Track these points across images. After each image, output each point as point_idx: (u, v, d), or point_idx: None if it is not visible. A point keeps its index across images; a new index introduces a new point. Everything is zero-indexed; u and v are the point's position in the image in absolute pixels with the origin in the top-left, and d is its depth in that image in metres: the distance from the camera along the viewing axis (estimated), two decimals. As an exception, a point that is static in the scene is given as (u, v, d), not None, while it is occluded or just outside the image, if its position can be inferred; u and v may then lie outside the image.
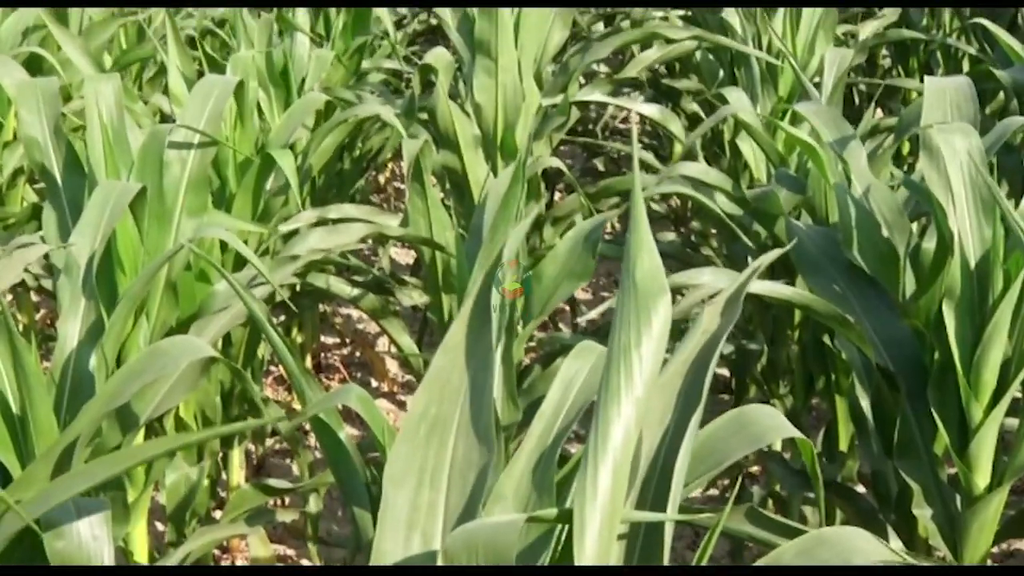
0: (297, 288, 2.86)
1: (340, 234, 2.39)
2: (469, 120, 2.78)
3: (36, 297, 3.28)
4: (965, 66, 3.75)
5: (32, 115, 2.11)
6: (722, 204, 2.47)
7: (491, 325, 1.08)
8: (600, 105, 4.05)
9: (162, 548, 2.36)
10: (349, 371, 3.70)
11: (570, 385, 1.29)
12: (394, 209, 4.47)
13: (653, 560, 1.03)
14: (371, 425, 1.64)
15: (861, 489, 2.31)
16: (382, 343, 3.78)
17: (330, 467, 1.67)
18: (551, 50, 3.04)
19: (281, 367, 3.42)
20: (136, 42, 3.37)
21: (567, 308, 3.62)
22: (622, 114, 4.81)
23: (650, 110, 3.03)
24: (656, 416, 1.04)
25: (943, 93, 1.99)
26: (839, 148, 2.07)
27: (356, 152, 3.41)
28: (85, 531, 1.38)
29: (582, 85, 3.25)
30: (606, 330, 1.03)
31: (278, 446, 3.25)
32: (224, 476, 2.70)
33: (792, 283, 2.20)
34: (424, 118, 2.84)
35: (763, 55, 2.85)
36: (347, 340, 3.87)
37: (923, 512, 1.82)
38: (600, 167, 4.30)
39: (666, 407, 1.05)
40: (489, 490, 1.07)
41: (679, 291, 2.13)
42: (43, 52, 2.87)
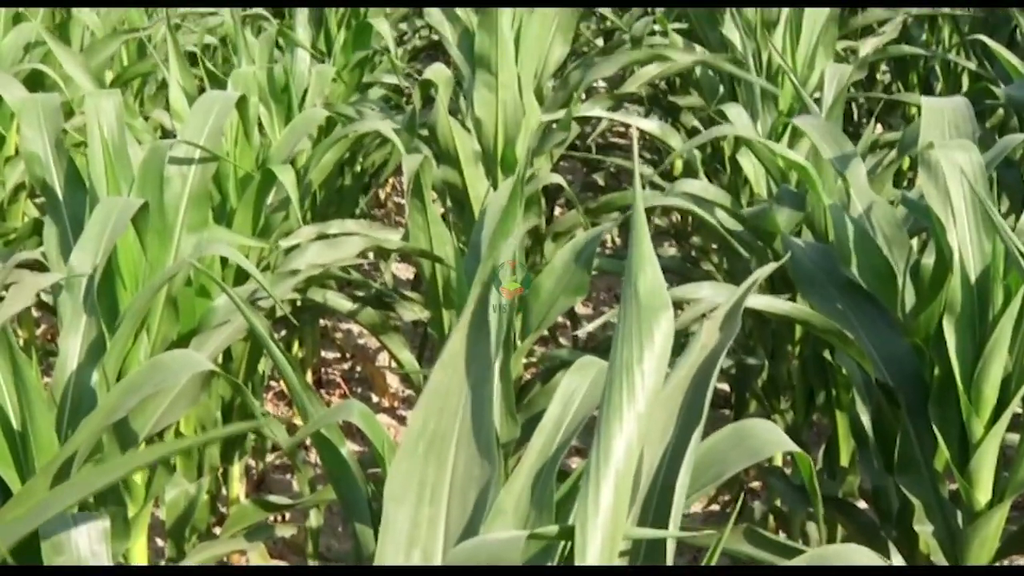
0: (298, 303, 2.86)
1: (340, 248, 2.40)
2: (469, 135, 2.78)
3: (37, 312, 3.29)
4: (965, 81, 3.76)
5: (34, 131, 2.12)
6: (722, 220, 2.48)
7: (489, 338, 1.08)
8: (598, 119, 4.06)
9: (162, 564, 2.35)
10: (349, 386, 3.70)
11: (570, 400, 1.29)
12: (394, 224, 4.48)
13: (654, 576, 1.03)
14: (372, 440, 1.64)
15: (862, 505, 2.30)
16: (383, 358, 3.77)
17: (331, 483, 1.67)
18: (551, 65, 3.05)
19: (282, 382, 3.42)
20: (137, 58, 3.38)
21: (567, 323, 3.62)
22: (621, 129, 4.82)
23: (650, 125, 3.04)
24: (657, 432, 1.04)
25: (941, 114, 2.00)
26: (839, 164, 2.07)
27: (357, 168, 3.41)
28: (84, 546, 1.38)
29: (582, 100, 3.26)
30: (606, 345, 1.03)
31: (278, 462, 3.24)
32: (224, 492, 2.70)
33: (792, 298, 2.20)
34: (424, 134, 2.84)
35: (763, 82, 2.86)
36: (348, 355, 3.86)
37: (924, 528, 1.81)
38: (600, 182, 4.31)
39: (667, 423, 1.05)
40: (490, 506, 1.07)
41: (679, 305, 2.13)
42: (45, 68, 2.88)
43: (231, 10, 3.10)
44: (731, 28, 3.14)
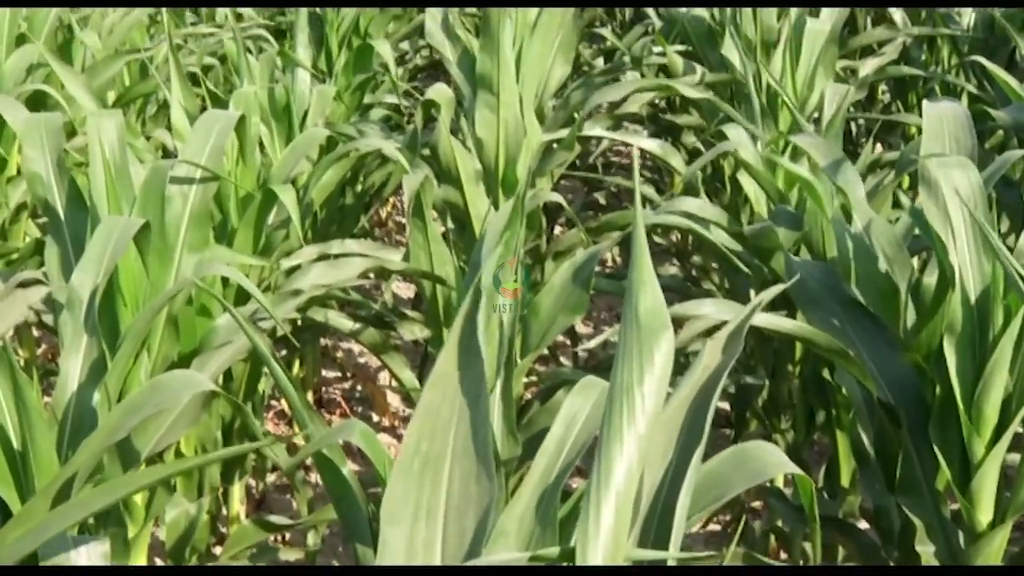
0: (298, 322, 2.86)
1: (341, 268, 2.40)
2: (470, 155, 2.79)
3: (37, 332, 3.28)
4: (964, 101, 3.77)
5: (35, 151, 2.12)
6: (722, 239, 2.48)
7: (480, 355, 1.07)
8: (599, 139, 4.07)
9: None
10: (350, 405, 3.70)
11: (573, 421, 1.29)
12: (395, 243, 4.49)
13: (655, 598, 1.03)
14: (373, 460, 1.64)
15: (863, 525, 2.30)
16: (383, 377, 3.77)
17: (332, 503, 1.66)
18: (553, 85, 3.06)
19: (282, 401, 3.42)
20: (139, 79, 3.39)
21: (568, 342, 3.62)
22: (622, 148, 4.83)
23: (651, 145, 3.04)
24: (658, 453, 1.04)
25: (941, 123, 2.00)
26: (835, 179, 2.08)
27: (358, 187, 3.42)
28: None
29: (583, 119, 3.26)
30: (607, 363, 1.03)
31: (279, 482, 3.24)
32: (224, 511, 2.69)
33: (793, 316, 2.20)
34: (426, 153, 2.85)
35: (757, 99, 2.87)
36: (348, 374, 3.86)
37: (926, 549, 1.81)
38: (601, 201, 4.31)
39: (668, 444, 1.05)
40: (491, 527, 1.07)
41: (680, 322, 2.13)
42: (47, 89, 2.89)
43: (232, 30, 3.12)
44: (731, 49, 3.15)
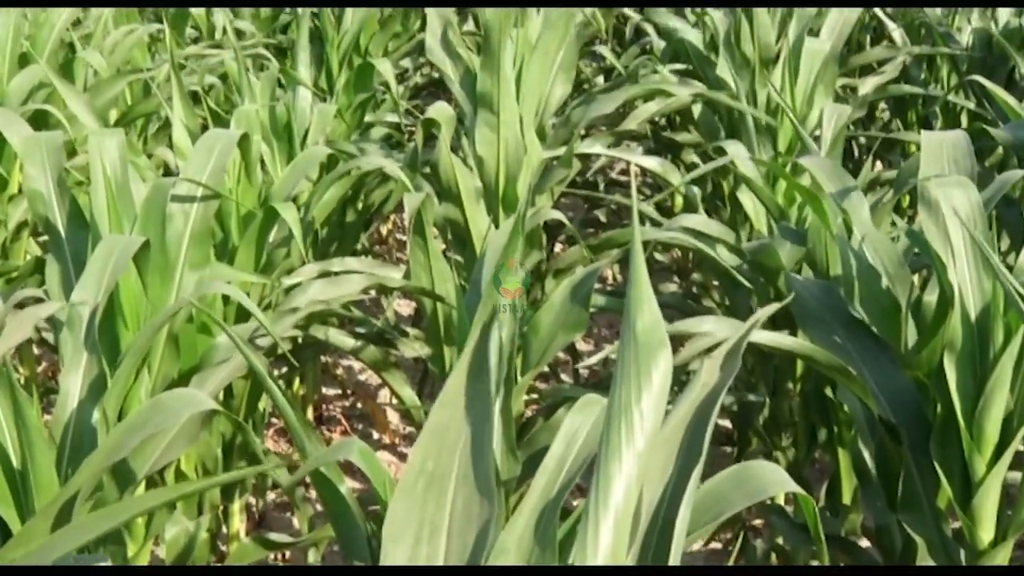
0: (299, 340, 2.86)
1: (341, 286, 2.40)
2: (471, 173, 2.79)
3: (37, 350, 3.28)
4: (964, 119, 3.78)
5: (37, 169, 2.13)
6: (723, 256, 2.48)
7: (490, 378, 1.08)
8: (599, 156, 4.08)
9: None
10: (350, 423, 3.69)
11: (573, 439, 1.29)
12: (395, 260, 4.49)
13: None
14: (372, 479, 1.64)
15: (865, 543, 2.29)
16: (383, 394, 3.77)
17: (331, 521, 1.66)
18: (553, 104, 3.07)
19: (283, 419, 3.41)
20: (142, 97, 3.40)
21: (568, 359, 3.62)
22: (623, 166, 4.83)
23: (650, 162, 3.05)
24: (657, 471, 1.04)
25: (940, 148, 2.01)
26: (841, 199, 2.08)
27: (359, 205, 3.43)
28: (84, 586, 1.38)
29: (583, 137, 3.27)
30: (608, 380, 1.03)
31: (279, 499, 3.23)
32: (224, 529, 2.69)
33: (794, 334, 2.20)
34: (426, 171, 2.86)
35: (759, 114, 2.87)
36: (348, 392, 3.86)
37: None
38: (602, 218, 4.32)
39: (667, 462, 1.05)
40: (491, 545, 1.06)
41: (681, 340, 2.13)
42: (50, 108, 2.90)
43: (234, 49, 3.13)
44: (724, 69, 3.16)
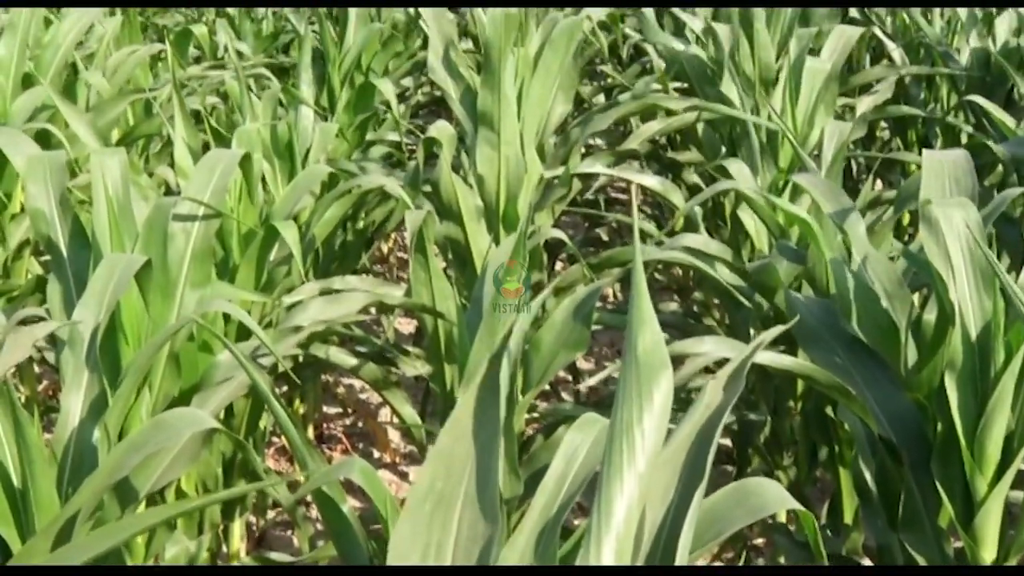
0: (299, 358, 2.86)
1: (342, 304, 2.40)
2: (472, 191, 2.80)
3: (38, 368, 3.28)
4: (964, 138, 3.79)
5: (39, 188, 2.13)
6: (723, 275, 2.49)
7: (499, 404, 1.08)
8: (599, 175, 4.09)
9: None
10: (351, 441, 3.69)
11: (573, 458, 1.29)
12: (396, 279, 4.49)
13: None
14: (374, 498, 1.64)
15: (867, 562, 2.28)
16: (384, 413, 3.77)
17: (332, 540, 1.66)
18: (553, 122, 3.08)
19: (283, 438, 3.41)
20: (144, 117, 3.42)
21: (569, 377, 3.62)
22: (624, 184, 4.84)
23: (651, 181, 3.05)
24: (659, 491, 1.04)
25: (941, 167, 2.01)
26: (839, 219, 2.08)
27: (359, 223, 3.43)
28: (84, 606, 1.37)
29: (584, 156, 3.28)
30: (609, 399, 1.03)
31: (279, 518, 3.23)
32: (225, 549, 2.68)
33: (794, 352, 2.20)
34: (427, 189, 2.86)
35: (761, 121, 2.88)
36: (349, 410, 3.86)
37: (929, 586, 1.80)
38: (603, 236, 4.32)
39: (669, 482, 1.05)
40: (494, 563, 1.06)
41: (681, 359, 2.13)
42: (51, 128, 2.91)
43: (236, 69, 3.14)
44: (729, 86, 3.17)
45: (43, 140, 2.90)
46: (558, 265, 3.97)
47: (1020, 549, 1.73)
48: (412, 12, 4.50)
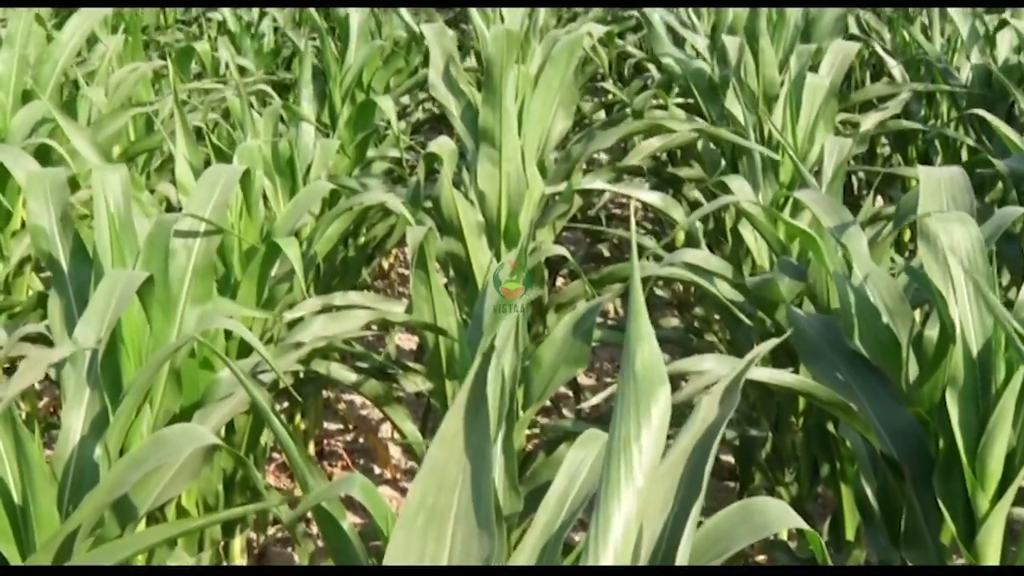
0: (300, 375, 2.86)
1: (344, 321, 2.40)
2: (473, 207, 2.80)
3: (38, 385, 3.28)
4: (964, 154, 3.79)
5: (40, 205, 2.14)
6: (724, 291, 2.49)
7: (488, 414, 1.08)
8: (601, 191, 4.09)
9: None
10: (352, 457, 3.68)
11: (575, 474, 1.29)
12: (397, 295, 4.49)
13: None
14: (374, 514, 1.63)
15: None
16: (385, 429, 3.76)
17: (332, 556, 1.65)
18: (554, 138, 3.08)
19: (284, 454, 3.40)
20: (145, 133, 3.42)
21: (570, 393, 3.61)
22: (625, 200, 4.85)
23: (652, 197, 3.06)
24: (657, 506, 1.04)
25: (938, 184, 2.01)
26: (840, 235, 2.09)
27: (360, 239, 3.44)
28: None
29: (585, 172, 3.29)
30: (610, 416, 1.03)
31: (280, 535, 3.22)
32: (225, 565, 2.67)
33: (796, 370, 2.20)
34: (428, 205, 2.86)
35: (762, 148, 2.88)
36: (350, 426, 3.85)
37: (932, 603, 1.79)
38: (604, 252, 4.32)
39: (667, 497, 1.05)
40: (492, 579, 1.06)
41: (682, 377, 2.13)
42: (52, 143, 2.91)
43: (237, 85, 3.15)
44: (733, 102, 3.17)
45: (44, 155, 2.91)
46: (559, 281, 3.97)
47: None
48: (413, 29, 4.51)
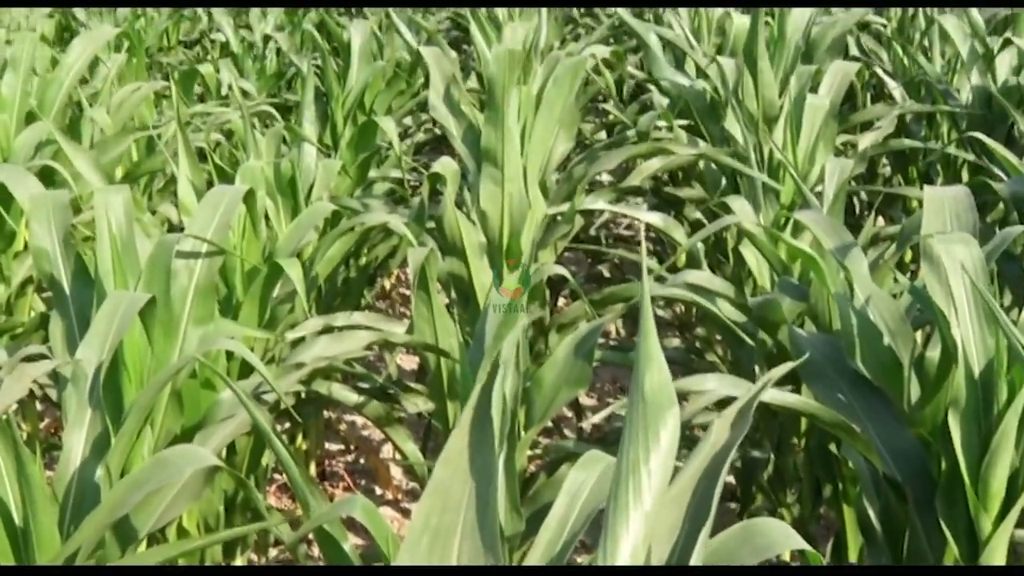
0: (302, 395, 2.86)
1: (345, 341, 2.40)
2: (475, 228, 2.81)
3: (40, 406, 3.28)
4: (965, 175, 3.80)
5: (42, 226, 2.14)
6: (726, 311, 2.48)
7: (492, 434, 1.08)
8: (602, 212, 4.09)
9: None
10: (353, 478, 3.68)
11: (576, 496, 1.29)
12: (399, 315, 4.49)
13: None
14: (375, 535, 1.63)
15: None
16: (387, 450, 3.75)
17: (334, 579, 1.65)
18: (556, 159, 3.09)
19: (286, 475, 3.40)
20: (147, 154, 3.43)
21: (571, 414, 3.61)
22: (626, 221, 4.85)
23: (653, 218, 3.06)
24: (665, 530, 1.03)
25: (942, 203, 2.02)
26: (841, 256, 2.09)
27: (362, 260, 3.44)
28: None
29: (587, 192, 3.29)
30: (611, 436, 1.03)
31: (281, 556, 3.21)
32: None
33: (798, 390, 2.20)
34: (430, 226, 2.87)
35: (763, 177, 2.89)
36: (351, 447, 3.84)
37: (935, 626, 1.79)
38: (605, 273, 4.32)
39: (675, 521, 1.04)
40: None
41: (684, 397, 2.13)
42: (55, 165, 2.92)
43: (240, 106, 3.16)
44: (733, 123, 3.18)
45: (47, 176, 2.91)
46: (561, 301, 3.97)
47: (1026, 588, 1.71)
48: (416, 50, 4.53)
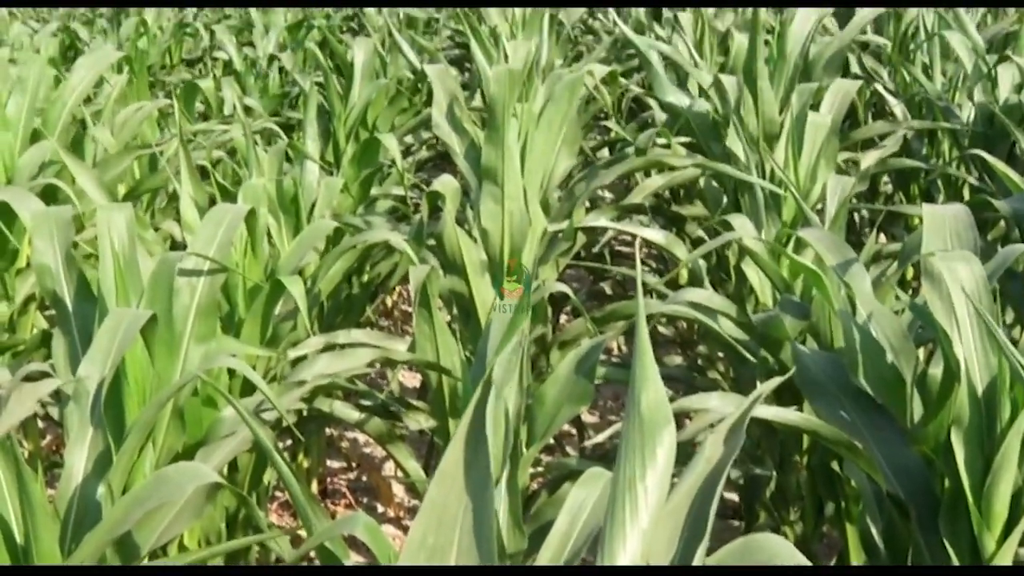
0: (303, 412, 2.86)
1: (347, 359, 2.41)
2: (476, 245, 2.81)
3: (42, 423, 3.28)
4: (966, 192, 3.80)
5: (45, 243, 2.15)
6: (728, 329, 2.48)
7: (487, 451, 1.08)
8: (604, 229, 4.10)
9: None
10: (355, 496, 3.67)
11: (578, 513, 1.29)
12: (401, 332, 4.49)
13: None
14: (377, 553, 1.62)
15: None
16: (389, 467, 3.75)
17: (335, 596, 1.64)
18: (557, 177, 3.09)
19: (287, 493, 3.39)
20: (150, 172, 3.44)
21: (573, 431, 3.61)
22: (627, 238, 4.86)
23: (655, 235, 3.06)
24: (662, 547, 1.03)
25: (942, 221, 2.02)
26: (843, 273, 2.09)
27: (364, 277, 3.44)
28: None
29: (588, 210, 3.30)
30: (613, 454, 1.03)
31: (282, 574, 3.20)
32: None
33: (800, 408, 2.20)
34: (431, 243, 2.87)
35: (766, 184, 2.89)
36: (353, 465, 3.84)
37: (938, 645, 1.78)
38: (607, 291, 4.32)
39: (672, 537, 1.04)
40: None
41: (686, 415, 2.13)
42: (59, 183, 2.93)
43: (243, 124, 3.17)
44: (734, 140, 3.19)
45: (50, 195, 2.92)
46: (562, 318, 3.97)
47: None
48: (418, 69, 4.55)
